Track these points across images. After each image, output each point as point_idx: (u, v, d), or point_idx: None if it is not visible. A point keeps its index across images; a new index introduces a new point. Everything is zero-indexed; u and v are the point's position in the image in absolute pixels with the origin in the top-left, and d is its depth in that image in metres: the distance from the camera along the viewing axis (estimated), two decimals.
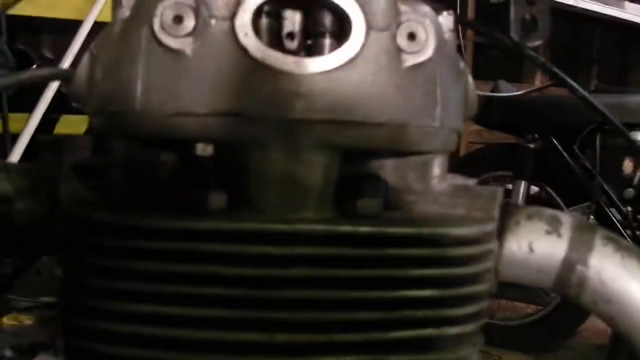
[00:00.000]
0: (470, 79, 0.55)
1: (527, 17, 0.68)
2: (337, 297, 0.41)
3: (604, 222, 2.64)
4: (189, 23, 0.42)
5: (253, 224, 0.40)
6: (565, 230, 0.50)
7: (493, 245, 0.49)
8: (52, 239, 0.47)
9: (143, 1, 0.45)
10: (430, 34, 0.45)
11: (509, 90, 3.10)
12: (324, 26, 0.43)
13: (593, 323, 2.78)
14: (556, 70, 0.66)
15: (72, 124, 2.44)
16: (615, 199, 2.70)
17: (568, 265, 0.50)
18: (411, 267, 0.43)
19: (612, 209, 2.70)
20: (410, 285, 0.43)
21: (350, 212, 0.44)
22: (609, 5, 3.67)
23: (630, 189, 2.71)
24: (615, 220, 2.67)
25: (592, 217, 2.65)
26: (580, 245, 0.50)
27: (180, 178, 0.45)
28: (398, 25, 0.44)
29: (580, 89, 0.70)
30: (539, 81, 3.72)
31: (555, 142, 2.77)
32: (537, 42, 0.68)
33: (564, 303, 2.67)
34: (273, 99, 0.41)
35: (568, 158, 2.72)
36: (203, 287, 0.40)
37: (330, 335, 0.41)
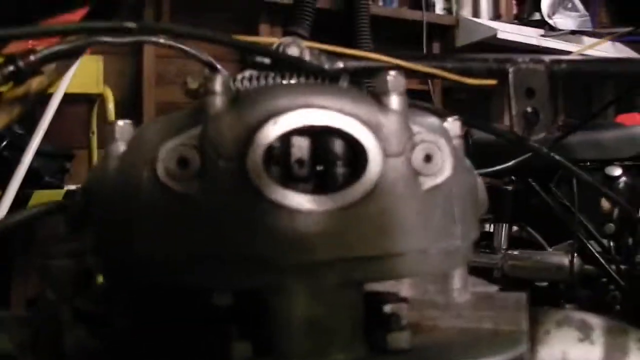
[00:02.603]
0: (479, 178, 0.52)
1: (529, 110, 0.67)
2: None
3: (588, 258, 2.64)
4: (194, 165, 0.40)
5: None
6: (598, 337, 0.48)
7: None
8: None
9: (142, 139, 0.43)
10: (445, 152, 0.43)
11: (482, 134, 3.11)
12: (336, 154, 0.41)
13: None
14: (567, 163, 0.65)
15: (45, 198, 2.39)
16: (597, 234, 2.70)
17: None
18: None
19: (595, 245, 2.70)
20: None
21: (381, 346, 0.41)
22: (570, 42, 3.74)
23: (611, 224, 2.71)
24: (599, 256, 2.67)
25: (575, 254, 2.64)
26: (614, 350, 0.48)
27: (197, 329, 0.42)
28: (413, 147, 0.42)
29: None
30: (507, 121, 3.75)
31: (533, 182, 2.78)
32: (541, 135, 0.67)
33: None
34: (292, 240, 0.39)
35: (546, 197, 2.72)
36: None
37: None
